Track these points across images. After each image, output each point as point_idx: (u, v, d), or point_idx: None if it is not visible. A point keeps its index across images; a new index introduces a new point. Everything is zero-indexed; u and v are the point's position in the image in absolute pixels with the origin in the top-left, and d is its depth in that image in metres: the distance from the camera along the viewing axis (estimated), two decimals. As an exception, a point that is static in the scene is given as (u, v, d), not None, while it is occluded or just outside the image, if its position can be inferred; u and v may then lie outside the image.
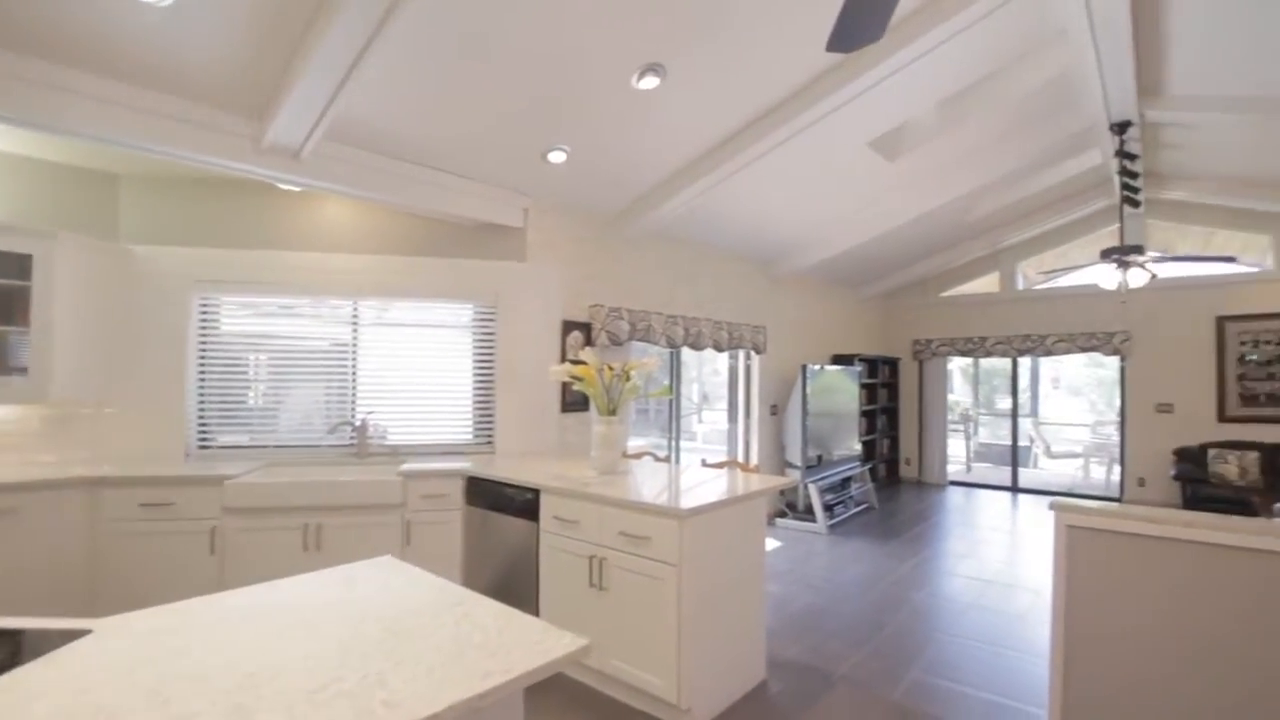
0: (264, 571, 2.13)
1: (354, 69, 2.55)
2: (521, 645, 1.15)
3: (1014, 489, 7.96)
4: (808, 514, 6.00)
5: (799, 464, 6.03)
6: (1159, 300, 6.70)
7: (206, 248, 3.67)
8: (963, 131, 4.57)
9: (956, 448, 9.44)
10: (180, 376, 3.59)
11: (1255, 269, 6.35)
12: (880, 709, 2.71)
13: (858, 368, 7.22)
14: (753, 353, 6.21)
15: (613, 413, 3.08)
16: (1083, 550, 2.05)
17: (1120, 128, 4.48)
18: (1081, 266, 4.90)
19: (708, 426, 9.04)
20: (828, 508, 6.08)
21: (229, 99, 2.86)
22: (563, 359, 4.20)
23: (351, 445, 3.83)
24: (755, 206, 5.04)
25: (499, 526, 3.16)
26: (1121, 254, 4.63)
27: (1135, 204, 5.09)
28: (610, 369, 3.07)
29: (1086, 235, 7.26)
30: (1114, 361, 7.37)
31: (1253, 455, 5.96)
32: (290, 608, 1.32)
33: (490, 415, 4.09)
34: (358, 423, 3.80)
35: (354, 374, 3.96)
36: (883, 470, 8.30)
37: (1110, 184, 5.92)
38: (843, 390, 6.84)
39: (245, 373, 3.88)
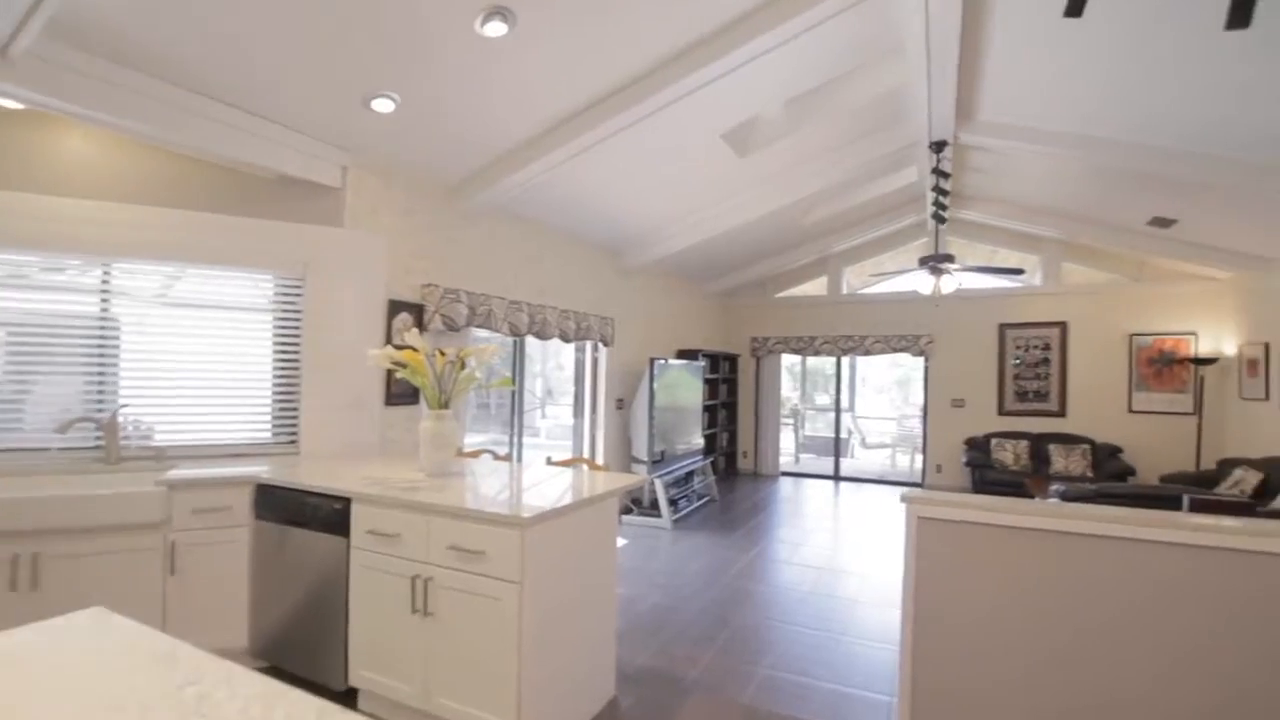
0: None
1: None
2: (284, 745, 0.77)
3: (836, 477, 8.60)
4: (653, 509, 5.92)
5: (645, 459, 5.93)
6: (956, 308, 7.57)
7: None
8: (807, 134, 4.70)
9: (786, 440, 10.04)
10: None
11: (1019, 284, 7.40)
12: (734, 714, 2.60)
13: (701, 363, 7.33)
14: (601, 345, 6.00)
15: (445, 405, 2.66)
16: (932, 541, 2.06)
17: (938, 146, 4.88)
18: (907, 271, 5.30)
19: (552, 422, 8.72)
20: (672, 502, 6.05)
21: (-117, -41, 2.01)
22: (388, 344, 3.65)
23: (99, 448, 2.99)
24: (608, 191, 4.82)
25: (300, 545, 2.60)
26: (937, 261, 5.08)
27: (942, 220, 5.63)
28: (442, 355, 2.65)
29: (899, 247, 8.03)
30: (909, 361, 8.24)
31: (1024, 443, 6.93)
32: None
33: (294, 410, 3.43)
34: (105, 419, 2.96)
35: (107, 358, 3.10)
36: (722, 463, 8.56)
37: (921, 201, 6.54)
38: (687, 385, 6.89)
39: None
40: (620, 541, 5.22)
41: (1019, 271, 5.12)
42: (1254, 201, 4.61)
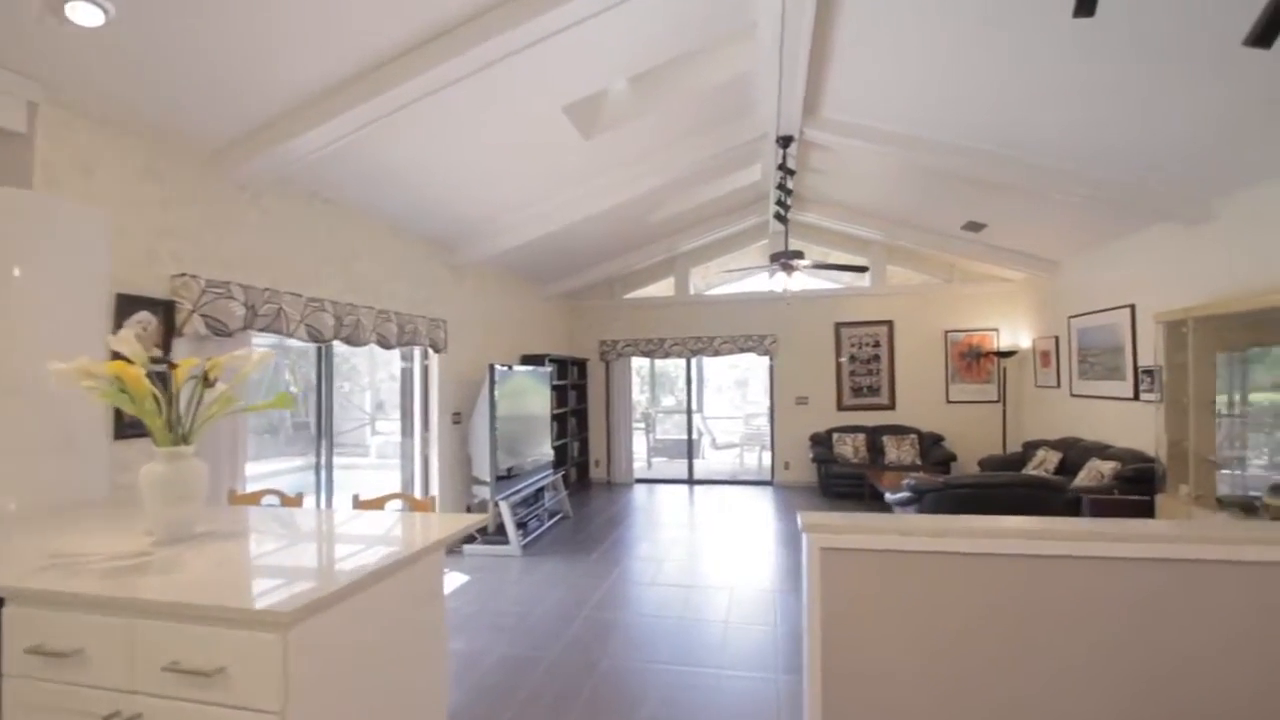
0: None
1: None
2: None
3: (690, 481, 8.46)
4: (499, 535, 5.24)
5: (488, 479, 5.23)
6: (797, 308, 7.75)
7: None
8: (655, 121, 4.36)
9: (639, 445, 9.78)
10: None
11: (844, 285, 7.77)
12: (603, 806, 2.08)
13: (548, 369, 6.76)
14: (431, 351, 5.20)
15: (184, 440, 1.83)
16: (840, 577, 1.70)
17: (785, 141, 4.79)
18: (760, 268, 5.17)
19: (384, 439, 7.64)
20: (521, 524, 5.42)
21: None
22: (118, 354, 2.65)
23: None
24: (435, 168, 4.09)
25: (-76, 671, 1.64)
26: (786, 258, 5.00)
27: (784, 220, 5.61)
28: (173, 366, 1.83)
29: (742, 248, 8.09)
30: (747, 361, 8.35)
31: (861, 436, 7.22)
32: None
33: (-48, 454, 2.33)
34: None
35: None
36: (574, 474, 8.04)
37: (764, 201, 6.55)
38: (534, 393, 6.28)
39: None
40: (460, 580, 4.48)
41: (863, 269, 5.20)
42: (1046, 207, 5.06)
